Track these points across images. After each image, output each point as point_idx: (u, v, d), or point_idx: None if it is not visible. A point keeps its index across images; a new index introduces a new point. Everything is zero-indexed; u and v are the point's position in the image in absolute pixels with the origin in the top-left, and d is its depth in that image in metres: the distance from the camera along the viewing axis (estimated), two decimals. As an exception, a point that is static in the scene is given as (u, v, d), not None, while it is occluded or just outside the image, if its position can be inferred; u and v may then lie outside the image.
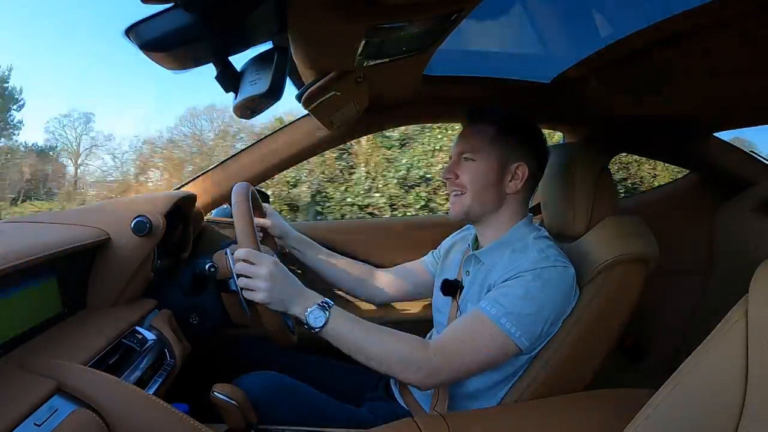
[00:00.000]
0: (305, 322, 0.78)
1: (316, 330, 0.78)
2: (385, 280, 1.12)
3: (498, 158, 0.90)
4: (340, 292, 1.29)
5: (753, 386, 0.50)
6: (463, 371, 0.80)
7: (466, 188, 0.90)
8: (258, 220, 1.03)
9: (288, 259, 1.09)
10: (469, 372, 0.81)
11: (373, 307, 1.32)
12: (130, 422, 0.59)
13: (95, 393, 0.59)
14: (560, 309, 0.82)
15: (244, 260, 0.81)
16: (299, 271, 1.19)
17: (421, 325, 1.11)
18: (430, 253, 1.13)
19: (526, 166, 0.90)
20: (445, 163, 3.78)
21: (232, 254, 0.85)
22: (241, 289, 0.81)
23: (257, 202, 1.05)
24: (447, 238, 1.11)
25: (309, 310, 0.78)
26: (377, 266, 1.37)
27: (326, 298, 0.80)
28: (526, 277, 0.80)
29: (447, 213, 0.98)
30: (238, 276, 0.82)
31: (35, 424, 0.51)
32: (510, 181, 0.90)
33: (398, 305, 1.35)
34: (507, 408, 0.84)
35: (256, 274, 0.79)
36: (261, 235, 1.04)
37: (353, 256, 1.36)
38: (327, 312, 0.78)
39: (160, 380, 0.79)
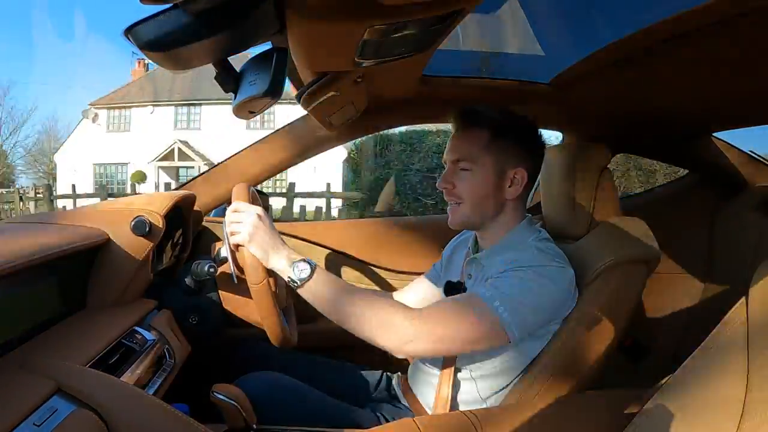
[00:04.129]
0: (289, 275, 0.77)
1: (299, 283, 0.76)
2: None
3: (495, 165, 0.87)
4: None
5: (753, 386, 0.50)
6: (443, 343, 0.77)
7: (464, 198, 0.88)
8: None
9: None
10: (448, 347, 0.78)
11: None
12: (130, 423, 0.59)
13: (95, 393, 0.59)
14: (555, 307, 0.81)
15: (234, 211, 0.81)
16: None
17: None
18: (432, 265, 1.12)
19: (525, 170, 0.88)
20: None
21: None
22: (229, 236, 0.80)
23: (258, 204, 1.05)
24: (447, 245, 1.10)
25: (294, 262, 0.77)
26: (377, 267, 1.37)
27: (309, 258, 0.79)
28: (524, 270, 0.79)
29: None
30: (228, 225, 0.81)
31: (35, 424, 0.51)
32: (509, 187, 0.88)
33: None
34: (508, 408, 0.84)
35: (241, 219, 0.79)
36: None
37: (353, 256, 1.36)
38: (312, 266, 0.77)
39: (160, 380, 0.79)
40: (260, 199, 1.08)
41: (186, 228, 1.11)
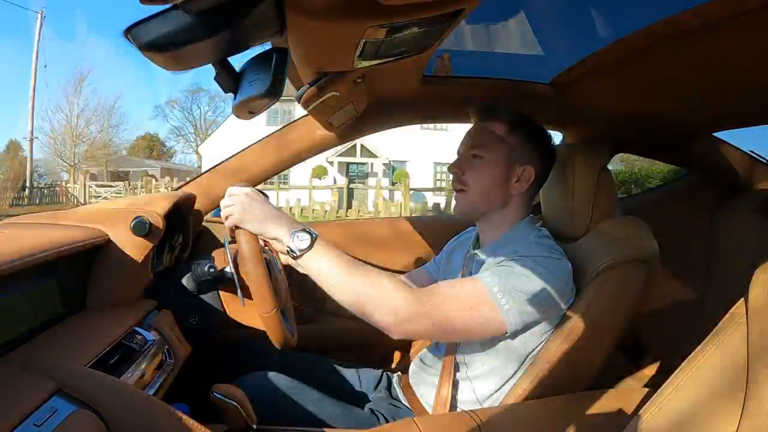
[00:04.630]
0: (288, 244, 0.74)
1: (300, 253, 0.74)
2: None
3: (506, 158, 0.89)
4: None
5: (753, 386, 0.50)
6: (441, 326, 0.76)
7: (471, 186, 0.90)
8: None
9: (294, 273, 1.05)
10: (445, 329, 0.76)
11: None
12: (130, 423, 0.59)
13: (95, 394, 0.58)
14: (554, 298, 0.80)
15: (227, 197, 0.79)
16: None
17: None
18: (432, 259, 1.13)
19: (533, 168, 0.90)
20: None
21: (230, 242, 0.84)
22: (225, 219, 0.78)
23: None
24: (448, 243, 1.11)
25: (294, 231, 0.75)
26: (378, 267, 1.37)
27: (310, 228, 0.77)
28: (522, 260, 0.79)
29: (441, 214, 0.98)
30: (223, 209, 0.79)
31: (35, 424, 0.51)
32: (516, 182, 0.90)
33: None
34: (508, 408, 0.84)
35: (232, 201, 0.78)
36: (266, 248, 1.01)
37: (353, 256, 1.36)
38: (312, 237, 0.74)
39: (160, 381, 0.79)
40: None
41: (186, 228, 1.11)
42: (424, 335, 0.80)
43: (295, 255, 0.74)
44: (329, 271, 0.74)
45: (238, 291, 0.85)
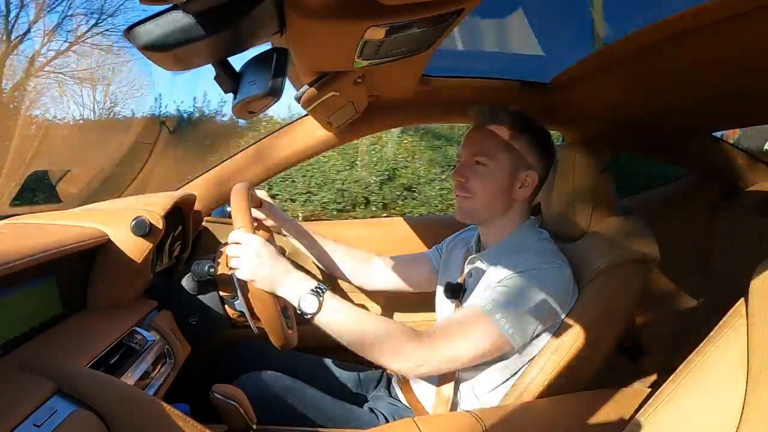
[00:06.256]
0: (297, 307, 0.77)
1: (309, 316, 0.76)
2: (383, 268, 1.12)
3: (510, 164, 0.89)
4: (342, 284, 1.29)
5: (753, 386, 0.50)
6: (452, 363, 0.79)
7: (476, 193, 0.89)
8: (253, 211, 1.02)
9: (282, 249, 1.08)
10: (458, 364, 0.80)
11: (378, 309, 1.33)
12: (130, 423, 0.59)
13: (95, 394, 0.59)
14: (555, 309, 0.81)
15: (233, 243, 0.80)
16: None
17: None
18: (434, 247, 1.13)
19: (537, 173, 0.90)
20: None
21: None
22: (232, 270, 0.80)
23: (255, 198, 1.05)
24: (450, 236, 1.11)
25: (301, 295, 0.76)
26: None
27: (319, 283, 0.79)
28: (522, 277, 0.80)
29: (443, 214, 0.98)
30: (230, 258, 0.80)
31: (35, 424, 0.51)
32: (519, 188, 0.90)
33: (400, 313, 1.35)
34: (507, 408, 0.84)
35: (242, 252, 0.79)
36: (256, 224, 1.03)
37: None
38: (320, 298, 0.76)
39: (160, 381, 0.79)
40: (258, 198, 1.08)
41: (186, 228, 1.11)
42: (439, 372, 0.83)
43: (306, 316, 0.77)
44: (339, 328, 0.77)
45: (250, 321, 0.86)
